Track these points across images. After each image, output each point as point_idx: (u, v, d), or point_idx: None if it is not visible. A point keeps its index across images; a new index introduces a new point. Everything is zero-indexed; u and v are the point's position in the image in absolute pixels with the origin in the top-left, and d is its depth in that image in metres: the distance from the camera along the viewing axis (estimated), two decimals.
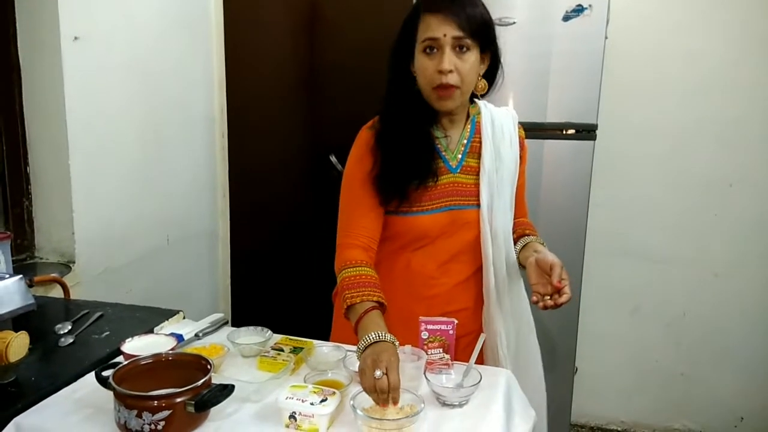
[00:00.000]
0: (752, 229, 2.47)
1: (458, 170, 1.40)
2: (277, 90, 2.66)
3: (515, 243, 1.47)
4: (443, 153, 1.40)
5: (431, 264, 1.42)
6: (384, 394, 1.04)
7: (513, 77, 1.52)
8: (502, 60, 1.37)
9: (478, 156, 1.40)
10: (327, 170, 2.59)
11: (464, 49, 1.27)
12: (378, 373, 1.04)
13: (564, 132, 2.13)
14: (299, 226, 2.71)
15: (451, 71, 1.26)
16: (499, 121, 1.42)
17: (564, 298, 1.25)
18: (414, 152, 1.34)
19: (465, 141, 1.41)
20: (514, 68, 1.58)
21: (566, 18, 2.04)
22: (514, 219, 1.48)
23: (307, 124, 2.67)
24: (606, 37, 2.06)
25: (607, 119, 2.28)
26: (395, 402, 1.05)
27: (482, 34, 1.29)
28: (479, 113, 1.43)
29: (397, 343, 1.16)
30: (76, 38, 1.80)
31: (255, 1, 2.57)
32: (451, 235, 1.40)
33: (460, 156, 1.41)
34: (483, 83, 1.36)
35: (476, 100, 1.43)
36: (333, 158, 2.58)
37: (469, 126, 1.42)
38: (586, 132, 2.12)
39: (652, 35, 2.42)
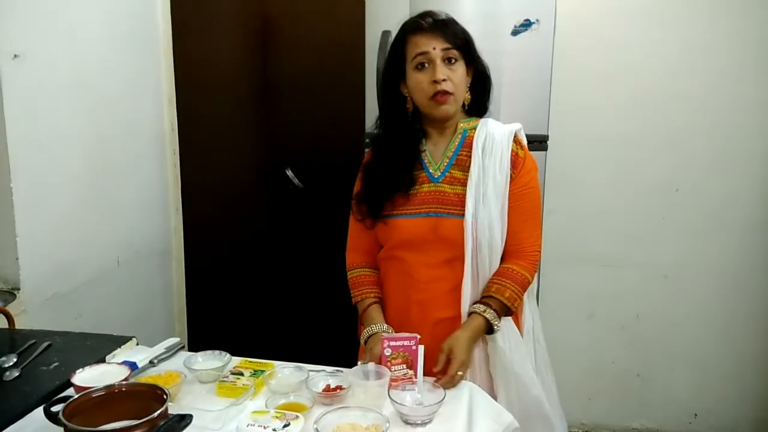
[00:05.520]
0: (698, 231, 2.56)
1: (440, 180, 1.46)
2: (230, 104, 2.62)
3: (477, 302, 1.44)
4: (426, 163, 1.48)
5: (423, 268, 1.46)
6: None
7: None
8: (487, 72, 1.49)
9: (465, 168, 1.45)
10: (283, 184, 2.56)
11: (453, 60, 1.41)
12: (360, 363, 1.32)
13: None
14: (256, 241, 2.66)
15: (445, 80, 1.39)
16: (491, 137, 1.46)
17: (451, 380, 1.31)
18: (396, 167, 1.47)
19: (450, 153, 1.48)
20: None
21: (515, 33, 2.09)
22: (504, 256, 1.46)
23: (261, 137, 2.63)
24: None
25: (557, 130, 2.33)
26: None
27: (466, 49, 1.44)
28: (473, 128, 1.48)
29: (388, 329, 1.43)
30: (15, 56, 1.73)
31: (204, 14, 2.52)
32: (438, 241, 1.44)
33: (443, 167, 1.47)
34: (468, 95, 1.47)
35: (479, 118, 1.51)
36: (289, 172, 2.56)
37: (458, 139, 1.48)
38: (538, 143, 2.16)
39: (598, 48, 2.49)
